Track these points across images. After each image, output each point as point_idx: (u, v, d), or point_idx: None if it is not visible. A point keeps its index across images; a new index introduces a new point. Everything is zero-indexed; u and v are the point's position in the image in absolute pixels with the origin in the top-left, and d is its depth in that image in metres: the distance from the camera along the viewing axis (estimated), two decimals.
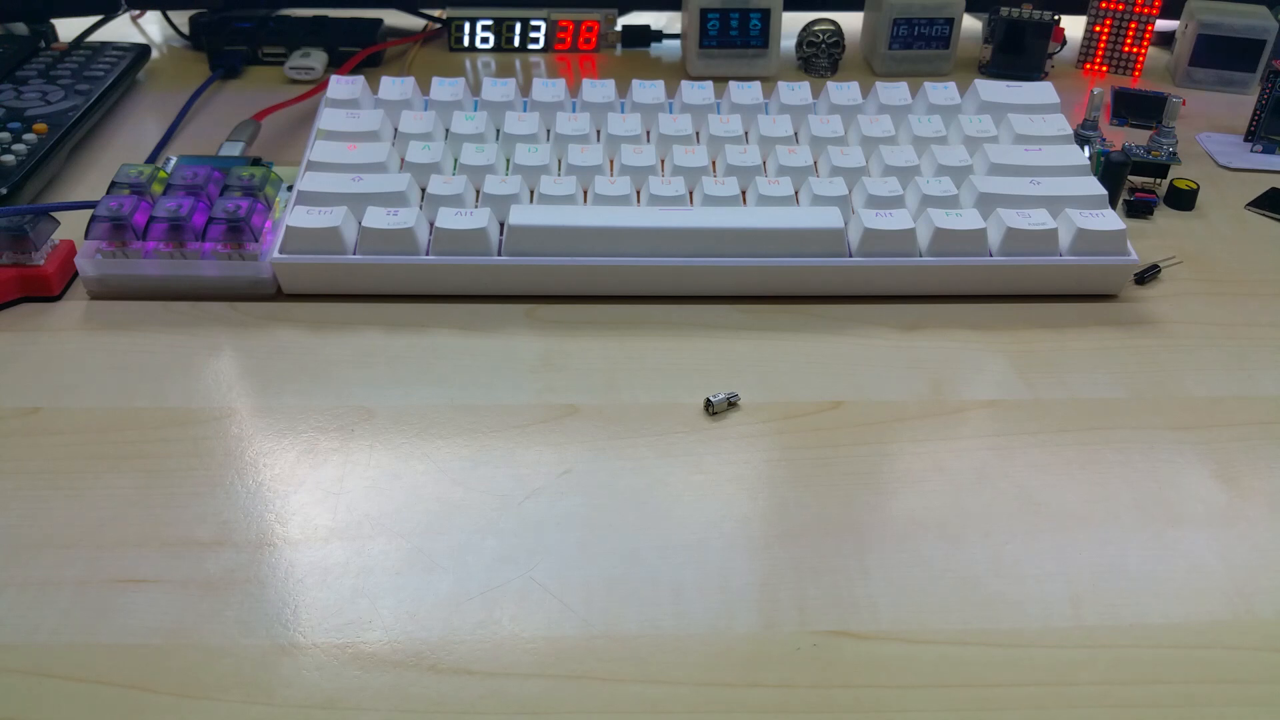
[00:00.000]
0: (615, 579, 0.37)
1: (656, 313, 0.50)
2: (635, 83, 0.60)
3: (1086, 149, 0.58)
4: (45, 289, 0.49)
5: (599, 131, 0.58)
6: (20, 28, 0.73)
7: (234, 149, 0.59)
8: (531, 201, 0.52)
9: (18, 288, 0.49)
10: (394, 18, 0.81)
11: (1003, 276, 0.51)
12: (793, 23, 0.76)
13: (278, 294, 0.50)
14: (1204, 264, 0.55)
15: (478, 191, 0.53)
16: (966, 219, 0.50)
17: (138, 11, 0.82)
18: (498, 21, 0.77)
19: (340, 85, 0.59)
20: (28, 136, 0.58)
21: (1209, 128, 0.69)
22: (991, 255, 0.50)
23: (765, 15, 0.71)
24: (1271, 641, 0.35)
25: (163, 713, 0.32)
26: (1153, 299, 0.52)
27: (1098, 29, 0.75)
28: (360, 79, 0.60)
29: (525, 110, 0.59)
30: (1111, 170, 0.58)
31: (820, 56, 0.75)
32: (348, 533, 0.38)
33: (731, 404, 0.44)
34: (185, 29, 0.78)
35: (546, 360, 0.47)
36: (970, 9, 0.75)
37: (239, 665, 0.33)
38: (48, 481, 0.40)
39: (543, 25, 0.77)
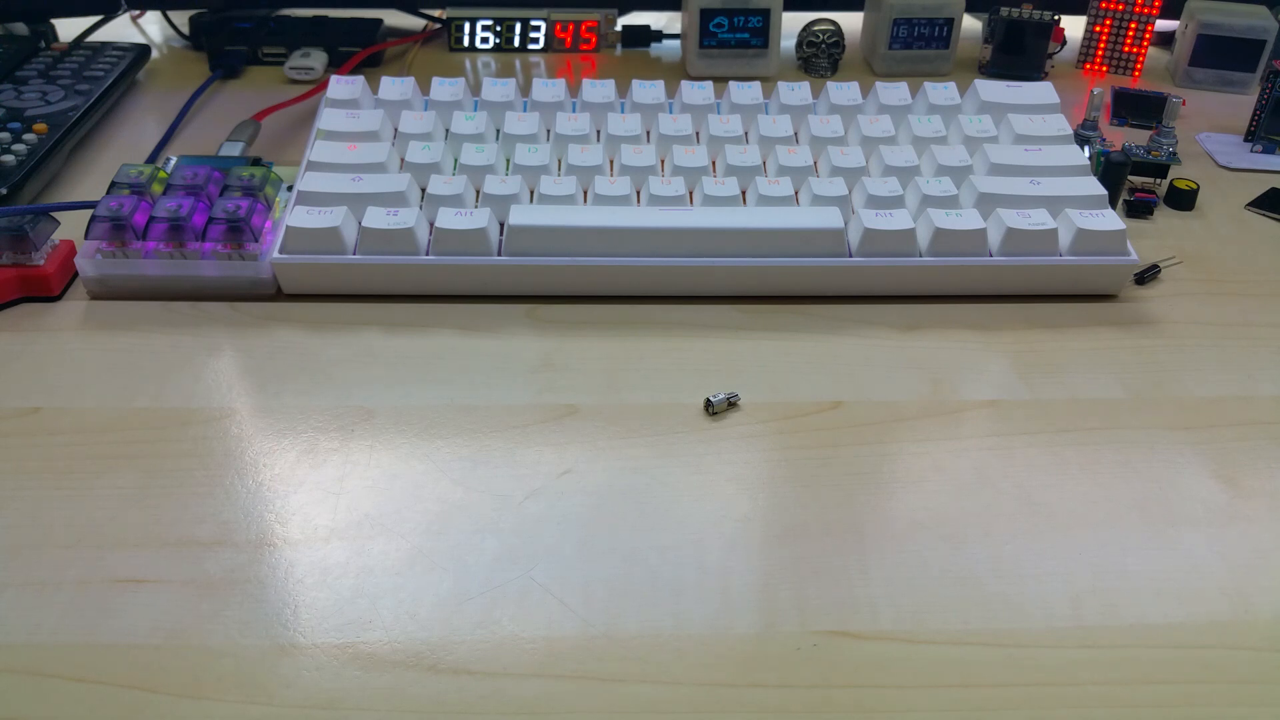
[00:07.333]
0: (615, 579, 0.37)
1: (656, 313, 0.50)
2: (635, 83, 0.60)
3: (1086, 149, 0.58)
4: (45, 289, 0.49)
5: (599, 131, 0.58)
6: (20, 28, 0.73)
7: (234, 149, 0.59)
8: (531, 201, 0.52)
9: (18, 288, 0.49)
10: (394, 18, 0.81)
11: (1003, 276, 0.51)
12: (793, 23, 0.76)
13: (278, 294, 0.50)
14: (1204, 264, 0.55)
15: (478, 191, 0.53)
16: (966, 219, 0.50)
17: (138, 11, 0.82)
18: (498, 21, 0.77)
19: (340, 85, 0.59)
20: (28, 136, 0.58)
21: (1209, 128, 0.69)
22: (991, 255, 0.50)
23: (765, 15, 0.71)
24: (1271, 641, 0.35)
25: (163, 713, 0.32)
26: (1153, 299, 0.52)
27: (1098, 29, 0.75)
28: (360, 79, 0.60)
29: (525, 110, 0.59)
30: (1111, 170, 0.57)
31: (820, 56, 0.75)
32: (348, 533, 0.38)
33: (731, 404, 0.44)
34: (185, 29, 0.78)
35: (546, 360, 0.47)
36: (970, 9, 0.75)
37: (239, 665, 0.33)
38: (48, 481, 0.40)
39: (543, 25, 0.77)
